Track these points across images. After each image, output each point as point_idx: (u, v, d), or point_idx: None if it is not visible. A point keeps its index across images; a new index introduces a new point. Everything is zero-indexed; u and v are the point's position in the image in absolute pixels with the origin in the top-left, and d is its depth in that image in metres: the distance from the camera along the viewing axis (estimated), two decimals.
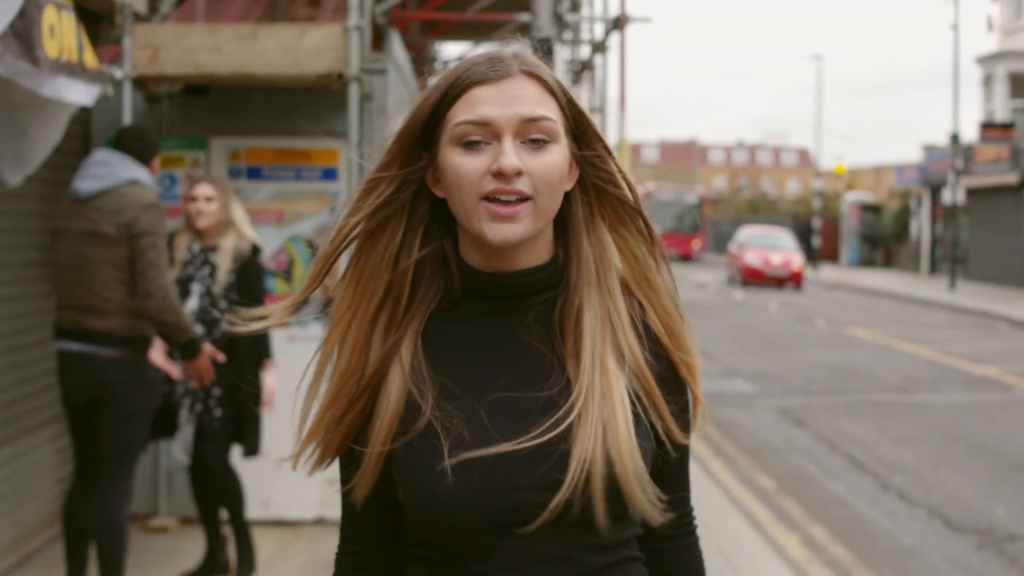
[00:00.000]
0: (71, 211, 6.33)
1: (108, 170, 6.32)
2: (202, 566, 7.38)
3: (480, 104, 2.05)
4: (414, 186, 2.14)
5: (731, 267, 45.16)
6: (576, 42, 15.90)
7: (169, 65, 7.59)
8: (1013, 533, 9.43)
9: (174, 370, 6.66)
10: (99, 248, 6.20)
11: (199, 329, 6.94)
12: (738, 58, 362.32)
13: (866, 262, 57.29)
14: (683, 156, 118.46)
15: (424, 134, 2.12)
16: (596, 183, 2.15)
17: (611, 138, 13.47)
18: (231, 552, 7.56)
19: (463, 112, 2.06)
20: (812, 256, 55.06)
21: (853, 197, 58.54)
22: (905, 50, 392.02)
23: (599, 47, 13.80)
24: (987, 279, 42.72)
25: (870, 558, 8.77)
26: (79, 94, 6.44)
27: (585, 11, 15.64)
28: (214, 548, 7.38)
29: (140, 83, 7.96)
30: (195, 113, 8.57)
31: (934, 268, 47.93)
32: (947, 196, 43.13)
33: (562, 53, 16.17)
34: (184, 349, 6.48)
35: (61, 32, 6.29)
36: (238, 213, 7.13)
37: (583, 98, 16.39)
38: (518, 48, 2.17)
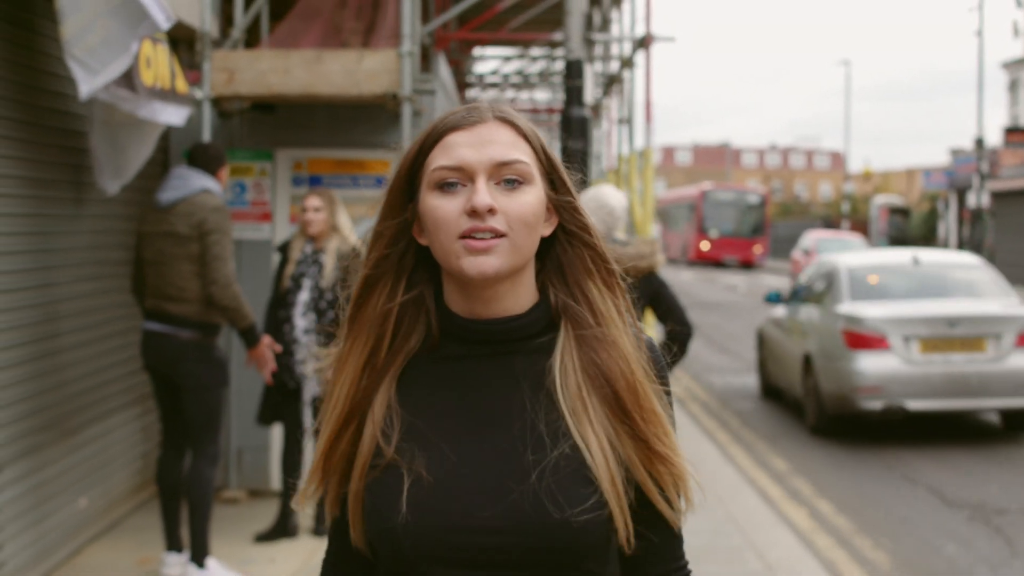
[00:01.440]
0: (154, 217, 7.40)
1: (184, 182, 7.39)
2: (273, 528, 8.40)
3: (455, 148, 2.11)
4: (406, 238, 2.19)
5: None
6: (606, 58, 16.88)
7: (244, 86, 8.60)
8: (1002, 509, 10.36)
9: (267, 370, 7.67)
10: (176, 246, 7.26)
11: (310, 317, 8.07)
12: (770, 63, 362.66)
13: None
14: (716, 159, 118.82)
15: (408, 185, 2.18)
16: (571, 231, 2.19)
17: (637, 148, 14.44)
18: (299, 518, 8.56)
19: (439, 158, 2.12)
20: None
21: (882, 200, 58.72)
22: (937, 55, 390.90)
23: (627, 63, 14.77)
24: (1012, 280, 43.37)
25: (869, 528, 9.72)
26: (171, 115, 7.51)
27: (615, 29, 16.62)
28: (285, 512, 8.39)
29: (215, 101, 8.97)
30: (262, 127, 9.59)
31: None
32: (972, 199, 43.87)
33: (593, 67, 17.19)
34: (245, 335, 7.52)
35: (156, 62, 7.34)
36: (343, 220, 8.27)
37: (612, 109, 17.40)
38: (492, 103, 2.22)
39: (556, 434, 2.10)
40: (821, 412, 13.72)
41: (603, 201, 7.15)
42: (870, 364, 13.09)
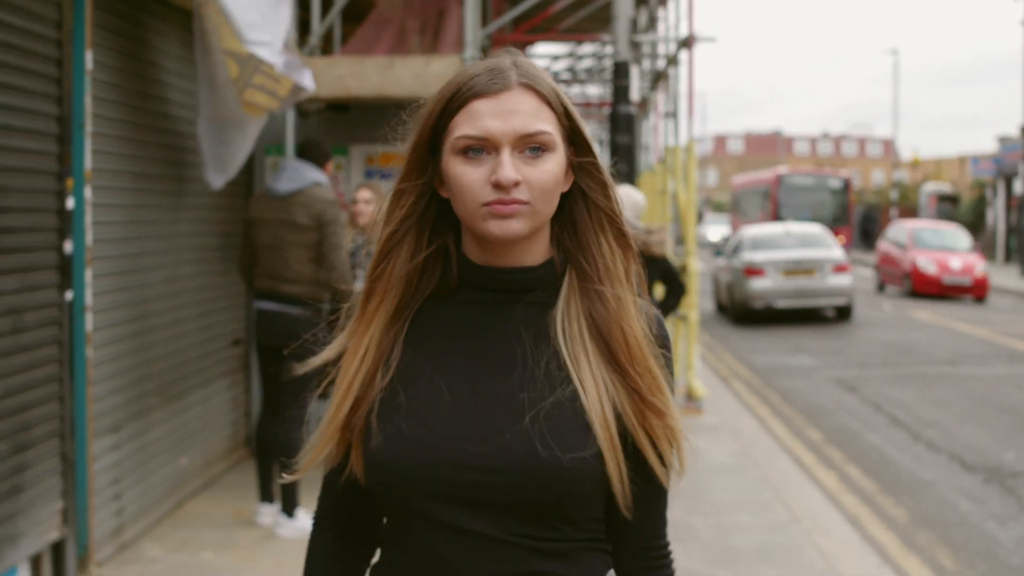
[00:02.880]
0: (270, 205, 8.33)
1: (298, 175, 8.33)
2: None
3: (480, 118, 2.12)
4: (428, 193, 2.23)
5: (884, 271, 35.20)
6: (653, 56, 17.81)
7: (323, 89, 9.57)
8: (1017, 472, 11.24)
9: None
10: (293, 234, 8.21)
11: None
12: (823, 50, 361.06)
13: None
14: (768, 147, 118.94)
15: (430, 142, 2.19)
16: (585, 190, 2.24)
17: (681, 140, 15.32)
18: None
19: (464, 125, 2.13)
20: (871, 243, 56.25)
21: (931, 188, 58.72)
22: (992, 39, 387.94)
23: (672, 61, 15.68)
24: None
25: (893, 489, 10.62)
26: (307, 80, 8.41)
27: (661, 28, 17.54)
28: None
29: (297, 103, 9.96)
30: (337, 125, 10.59)
31: (1009, 256, 49.01)
32: (1019, 187, 44.40)
33: (640, 65, 18.10)
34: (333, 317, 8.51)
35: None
36: None
37: (659, 103, 18.30)
38: (515, 58, 2.22)
39: (554, 380, 2.15)
40: (735, 312, 26.54)
41: (631, 195, 8.84)
42: (756, 284, 25.70)
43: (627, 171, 11.95)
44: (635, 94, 12.67)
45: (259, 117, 8.66)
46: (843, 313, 26.46)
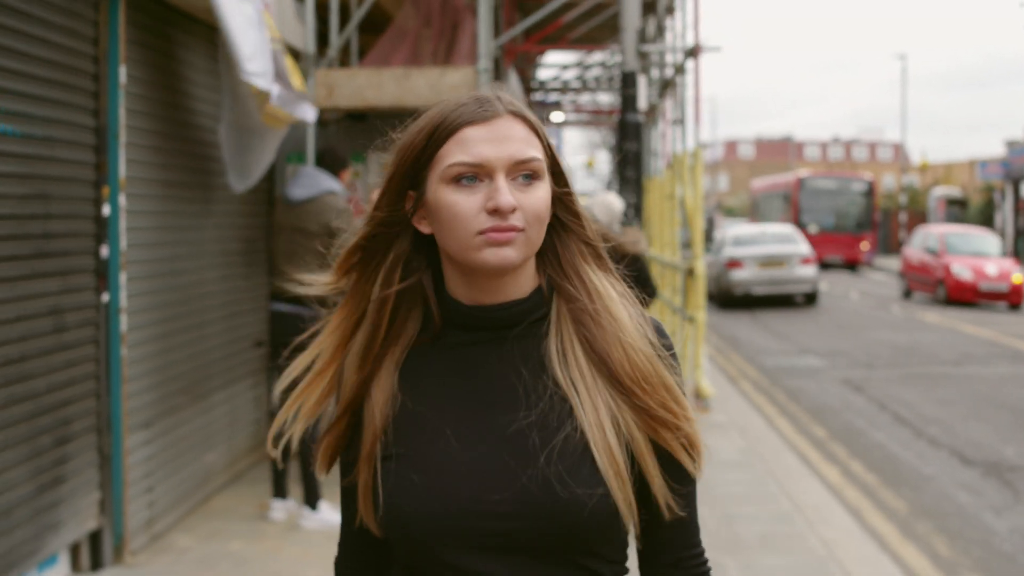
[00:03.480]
0: (286, 211, 8.72)
1: (313, 182, 8.71)
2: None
3: (473, 145, 2.07)
4: (400, 225, 2.18)
5: (912, 277, 34.00)
6: (661, 65, 18.20)
7: (342, 100, 9.97)
8: (1015, 466, 11.59)
9: None
10: (305, 240, 8.59)
11: None
12: (833, 55, 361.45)
13: None
14: (779, 152, 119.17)
15: (412, 173, 2.14)
16: (564, 221, 2.21)
17: (688, 146, 15.69)
18: None
19: (456, 152, 2.08)
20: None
21: (940, 192, 58.68)
22: (1000, 43, 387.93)
23: (679, 70, 16.07)
24: None
25: (894, 482, 10.99)
26: (308, 114, 8.86)
27: (669, 37, 17.91)
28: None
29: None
30: (355, 134, 10.98)
31: (1017, 259, 49.34)
32: None
33: (649, 73, 18.49)
34: None
35: (293, 69, 8.73)
36: None
37: (667, 110, 18.68)
38: (497, 91, 2.19)
39: (560, 413, 2.11)
40: (720, 298, 31.01)
41: (607, 203, 9.34)
42: (736, 274, 30.31)
43: (635, 176, 12.32)
44: (643, 102, 13.06)
45: (280, 128, 9.05)
46: (810, 299, 31.67)
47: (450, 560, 2.08)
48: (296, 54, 10.17)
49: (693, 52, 14.42)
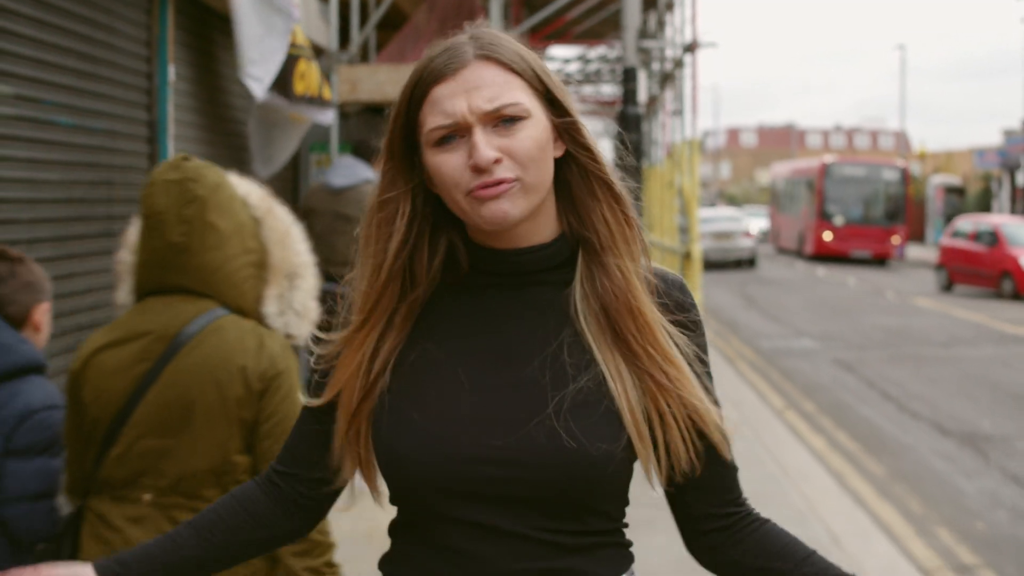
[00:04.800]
0: (325, 197, 9.50)
1: (352, 171, 9.50)
2: None
3: (443, 102, 2.00)
4: (422, 195, 2.11)
5: (956, 269, 32.33)
6: (661, 59, 19.02)
7: (364, 94, 10.79)
8: (989, 436, 12.43)
9: None
10: (345, 225, 9.37)
11: None
12: (836, 44, 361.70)
13: None
14: (781, 140, 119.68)
15: (406, 140, 2.08)
16: (574, 154, 2.10)
17: (687, 137, 16.49)
18: None
19: (430, 115, 2.01)
20: None
21: (938, 180, 58.79)
22: (1002, 33, 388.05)
23: (678, 64, 16.89)
24: None
25: (875, 451, 11.82)
26: (320, 116, 9.67)
27: (668, 31, 18.73)
28: None
29: (339, 105, 11.17)
30: (374, 125, 11.80)
31: None
32: (1021, 179, 45.51)
33: (650, 67, 19.35)
34: None
35: (308, 76, 9.53)
36: None
37: (667, 102, 19.51)
38: (475, 30, 2.10)
39: (578, 364, 2.05)
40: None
41: None
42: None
43: (636, 166, 13.12)
44: (644, 95, 13.87)
45: (302, 123, 9.86)
46: (751, 263, 42.43)
47: (445, 504, 2.03)
48: (319, 51, 10.98)
49: (691, 48, 15.25)
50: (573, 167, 2.11)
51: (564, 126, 2.08)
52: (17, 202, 6.38)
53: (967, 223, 33.48)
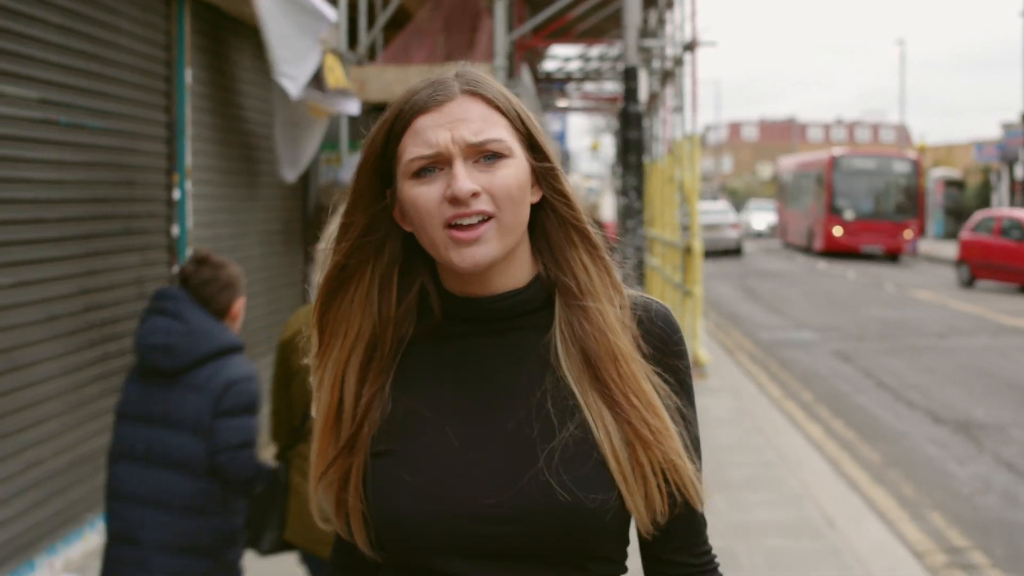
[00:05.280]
0: (337, 192, 9.83)
1: None
2: None
3: (425, 133, 1.97)
4: (384, 227, 2.07)
5: (979, 264, 31.19)
6: (662, 57, 19.34)
7: (372, 93, 11.10)
8: (982, 424, 12.75)
9: None
10: None
11: None
12: (838, 37, 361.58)
13: (950, 235, 55.49)
14: (782, 134, 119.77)
15: (380, 171, 2.05)
16: (551, 200, 2.08)
17: (687, 132, 16.78)
18: None
19: (411, 146, 1.98)
20: None
21: (938, 173, 58.67)
22: (1002, 27, 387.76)
23: (678, 62, 17.20)
24: None
25: (871, 438, 12.15)
26: (350, 107, 9.97)
27: (669, 29, 19.03)
28: None
29: None
30: None
31: None
32: (1020, 172, 45.80)
33: (651, 65, 19.67)
34: None
35: (335, 70, 9.84)
36: None
37: (668, 99, 19.81)
38: (460, 68, 2.09)
39: (562, 412, 2.01)
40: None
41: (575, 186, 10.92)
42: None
43: (637, 161, 13.43)
44: (645, 93, 14.17)
45: (322, 119, 10.16)
46: (737, 252, 46.49)
47: (442, 567, 1.99)
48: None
49: (691, 46, 15.57)
50: (550, 213, 2.09)
51: (543, 171, 2.07)
52: (46, 202, 6.72)
53: (990, 217, 32.09)
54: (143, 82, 8.05)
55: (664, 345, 2.10)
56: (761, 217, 65.31)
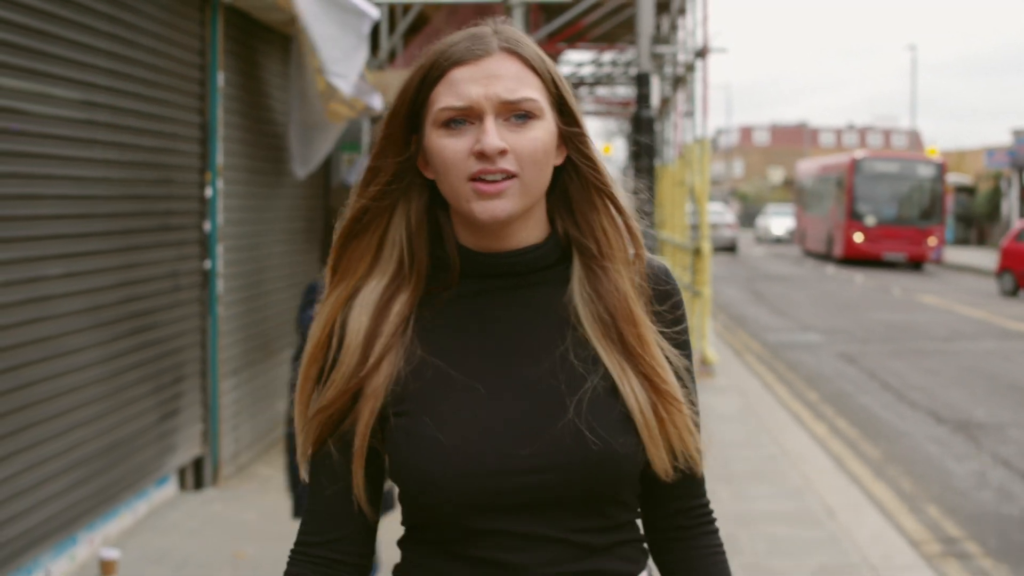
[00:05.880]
0: (346, 195, 10.20)
1: None
2: None
3: (460, 86, 1.97)
4: (409, 175, 2.08)
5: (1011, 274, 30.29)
6: (674, 63, 19.73)
7: (393, 96, 11.48)
8: (982, 424, 13.13)
9: None
10: None
11: None
12: (850, 41, 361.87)
13: (961, 240, 56.41)
14: (794, 139, 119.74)
15: (409, 118, 2.04)
16: (577, 163, 2.10)
17: (698, 137, 17.15)
18: None
19: (444, 95, 1.98)
20: None
21: (950, 179, 58.12)
22: (1016, 31, 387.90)
23: (689, 68, 17.58)
24: None
25: (873, 436, 12.52)
26: (375, 102, 10.36)
27: (680, 34, 19.41)
28: None
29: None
30: None
31: None
32: None
33: (663, 70, 20.05)
34: None
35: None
36: None
37: (679, 103, 20.18)
38: (499, 23, 2.08)
39: (586, 364, 2.05)
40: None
41: None
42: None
43: (648, 165, 13.80)
44: (657, 98, 14.53)
45: (339, 123, 10.56)
46: (732, 249, 51.45)
47: (474, 523, 2.01)
48: None
49: (701, 53, 15.95)
50: (574, 176, 2.12)
51: (571, 135, 2.09)
52: (93, 198, 7.13)
53: None
54: (180, 85, 8.46)
55: (670, 300, 2.17)
56: (780, 222, 63.59)
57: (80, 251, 6.96)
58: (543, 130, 2.01)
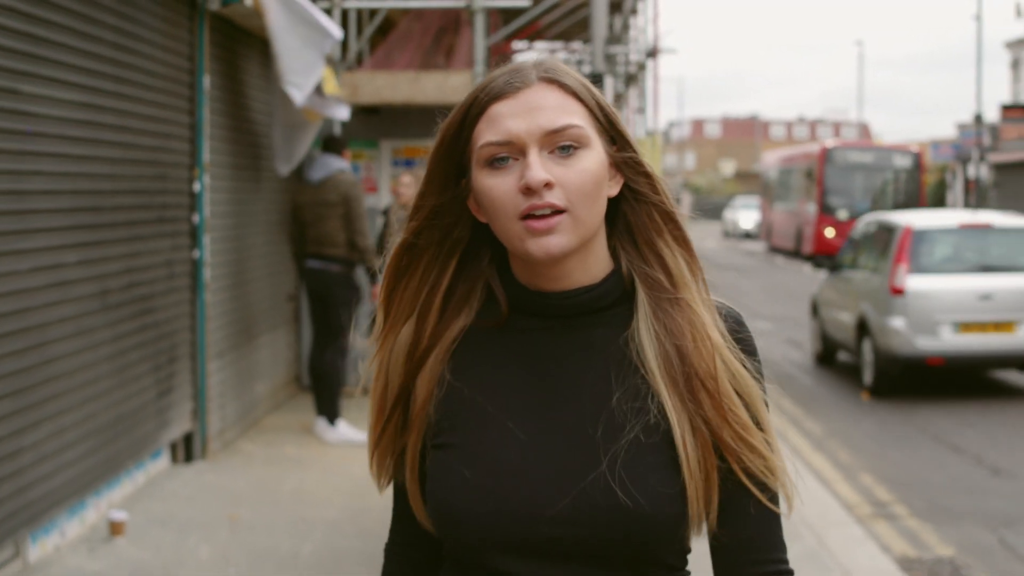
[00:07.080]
0: (308, 190, 10.82)
1: (325, 164, 10.82)
2: None
3: (500, 121, 1.92)
4: (454, 214, 2.02)
5: None
6: (626, 62, 20.53)
7: (364, 96, 12.22)
8: (922, 404, 13.99)
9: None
10: (328, 210, 10.74)
11: None
12: (801, 37, 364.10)
13: None
14: (745, 132, 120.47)
15: (453, 158, 1.99)
16: (635, 188, 2.00)
17: (649, 131, 17.94)
18: None
19: (485, 132, 1.93)
20: None
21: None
22: (965, 28, 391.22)
23: (641, 67, 18.37)
24: None
25: (815, 414, 13.37)
26: (342, 113, 11.10)
27: (632, 33, 20.21)
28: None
29: None
30: (370, 124, 13.26)
31: None
32: (971, 171, 47.14)
33: (616, 68, 20.81)
34: (371, 272, 11.07)
35: (330, 80, 10.96)
36: None
37: (631, 98, 20.98)
38: (541, 58, 2.02)
39: (634, 412, 1.93)
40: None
41: None
42: None
43: None
44: (610, 96, 15.26)
45: (316, 122, 11.28)
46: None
47: (498, 565, 1.96)
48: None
49: (652, 53, 16.74)
50: (632, 202, 2.02)
51: (625, 160, 2.00)
52: (102, 193, 7.85)
53: None
54: (172, 88, 9.17)
55: (748, 353, 2.04)
56: (749, 216, 60.27)
57: (91, 240, 7.67)
58: (591, 160, 1.94)
